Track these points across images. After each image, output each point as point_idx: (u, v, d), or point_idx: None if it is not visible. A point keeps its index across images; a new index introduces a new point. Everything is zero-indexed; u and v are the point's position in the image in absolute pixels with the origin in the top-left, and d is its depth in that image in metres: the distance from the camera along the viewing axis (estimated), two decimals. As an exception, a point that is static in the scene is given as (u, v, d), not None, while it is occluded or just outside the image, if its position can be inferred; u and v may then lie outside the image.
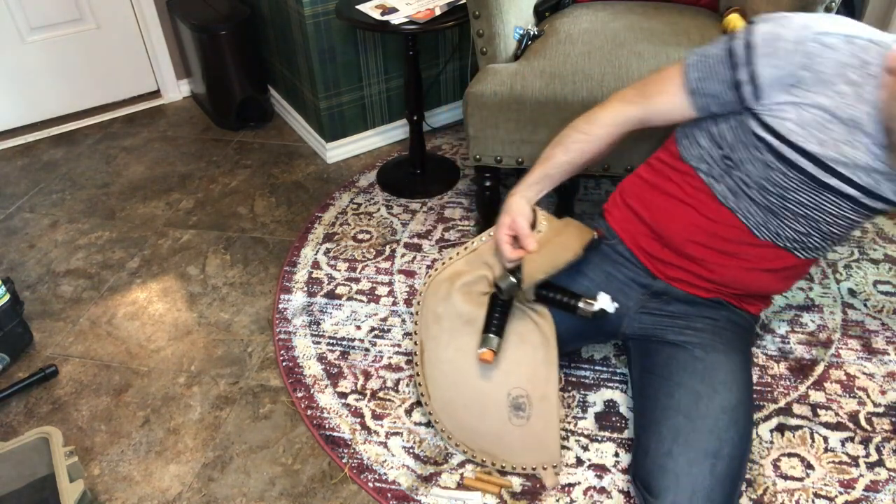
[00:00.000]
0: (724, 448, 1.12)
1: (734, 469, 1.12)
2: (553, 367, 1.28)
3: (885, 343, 1.59)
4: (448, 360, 1.33)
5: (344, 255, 1.91)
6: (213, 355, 1.63)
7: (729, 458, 1.12)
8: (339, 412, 1.47)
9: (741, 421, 1.16)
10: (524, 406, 1.28)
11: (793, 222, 1.16)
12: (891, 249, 1.86)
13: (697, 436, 1.13)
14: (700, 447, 1.12)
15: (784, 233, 1.18)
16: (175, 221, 2.08)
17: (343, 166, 2.31)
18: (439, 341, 1.35)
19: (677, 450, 1.13)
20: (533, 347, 1.29)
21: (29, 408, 1.52)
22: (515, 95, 1.55)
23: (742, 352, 1.27)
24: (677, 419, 1.16)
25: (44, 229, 2.07)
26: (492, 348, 1.24)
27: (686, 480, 1.09)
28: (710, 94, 1.15)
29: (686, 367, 1.22)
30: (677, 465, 1.11)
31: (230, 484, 1.35)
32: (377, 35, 2.16)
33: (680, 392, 1.19)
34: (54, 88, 2.54)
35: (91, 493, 1.32)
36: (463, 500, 1.28)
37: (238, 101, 2.45)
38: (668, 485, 1.10)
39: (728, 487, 1.11)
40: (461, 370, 1.32)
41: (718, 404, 1.16)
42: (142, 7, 2.52)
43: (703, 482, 1.09)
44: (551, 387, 1.28)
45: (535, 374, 1.28)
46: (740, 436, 1.15)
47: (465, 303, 1.32)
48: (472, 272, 1.36)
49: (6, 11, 2.33)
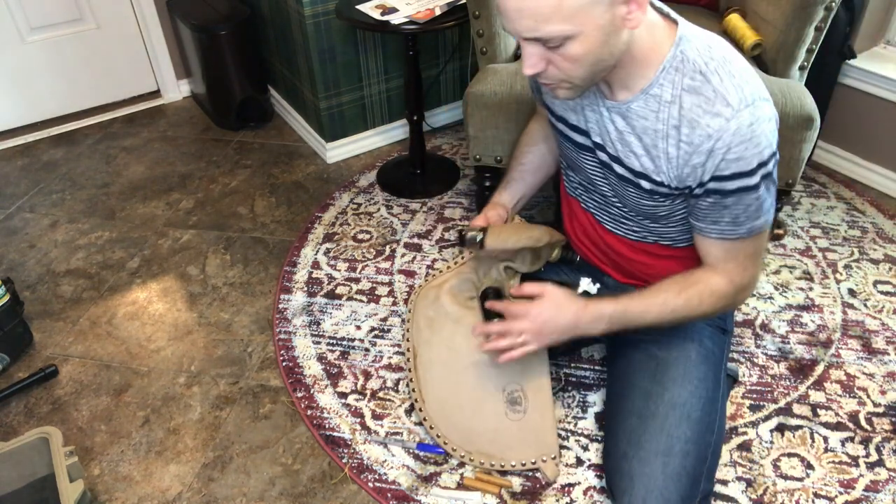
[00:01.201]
0: (676, 445, 1.12)
1: (690, 465, 1.11)
2: (545, 361, 1.32)
3: (885, 343, 1.59)
4: (441, 361, 1.36)
5: (344, 255, 1.91)
6: (213, 355, 1.63)
7: (682, 455, 1.11)
8: (339, 412, 1.47)
9: (695, 414, 1.15)
10: (520, 400, 1.30)
11: (614, 207, 1.21)
12: (891, 249, 1.86)
13: (648, 436, 1.13)
14: (650, 447, 1.12)
15: (621, 222, 1.22)
16: (175, 221, 2.08)
17: (343, 166, 2.31)
18: (432, 344, 1.37)
19: (631, 451, 1.14)
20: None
21: (29, 408, 1.52)
22: (515, 95, 1.55)
23: (700, 343, 1.24)
24: (630, 420, 1.18)
25: (44, 229, 2.07)
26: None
27: (639, 482, 1.10)
28: (537, 90, 1.25)
29: (640, 368, 1.23)
30: (631, 466, 1.12)
31: (230, 484, 1.35)
32: (377, 35, 2.16)
33: (634, 393, 1.21)
34: (54, 88, 2.54)
35: (91, 493, 1.32)
36: (463, 500, 1.28)
37: (238, 101, 2.45)
38: (624, 487, 1.12)
39: (684, 484, 1.10)
40: (455, 370, 1.34)
41: (668, 401, 1.16)
42: (142, 7, 2.52)
43: (655, 482, 1.09)
44: (545, 378, 1.31)
45: (527, 367, 1.31)
46: (695, 430, 1.13)
47: (452, 304, 1.37)
48: (459, 277, 1.40)
49: (6, 11, 2.33)
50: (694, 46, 0.97)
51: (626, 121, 1.05)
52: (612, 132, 1.08)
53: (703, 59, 0.97)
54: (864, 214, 1.99)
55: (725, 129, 0.95)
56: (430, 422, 1.35)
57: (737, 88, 0.95)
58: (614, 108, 1.05)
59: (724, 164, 0.97)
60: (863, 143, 2.11)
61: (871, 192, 2.10)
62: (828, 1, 1.50)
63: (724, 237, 1.06)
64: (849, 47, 1.97)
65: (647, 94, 1.00)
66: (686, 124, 0.98)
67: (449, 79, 2.44)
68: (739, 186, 0.99)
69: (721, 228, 1.05)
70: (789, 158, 1.52)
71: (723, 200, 1.01)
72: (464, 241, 1.27)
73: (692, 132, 0.98)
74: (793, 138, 1.49)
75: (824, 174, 2.17)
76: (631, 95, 1.02)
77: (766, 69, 1.62)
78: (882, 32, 2.09)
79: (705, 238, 1.09)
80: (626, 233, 1.23)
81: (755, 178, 0.98)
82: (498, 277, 1.36)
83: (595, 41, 0.91)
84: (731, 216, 1.03)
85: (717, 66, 0.96)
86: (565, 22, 0.87)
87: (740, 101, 0.94)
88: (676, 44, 0.97)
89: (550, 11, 0.86)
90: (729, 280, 1.11)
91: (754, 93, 0.96)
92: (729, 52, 0.99)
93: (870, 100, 2.04)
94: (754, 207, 1.02)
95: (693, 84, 0.97)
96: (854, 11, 1.93)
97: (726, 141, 0.96)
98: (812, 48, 1.61)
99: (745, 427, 1.41)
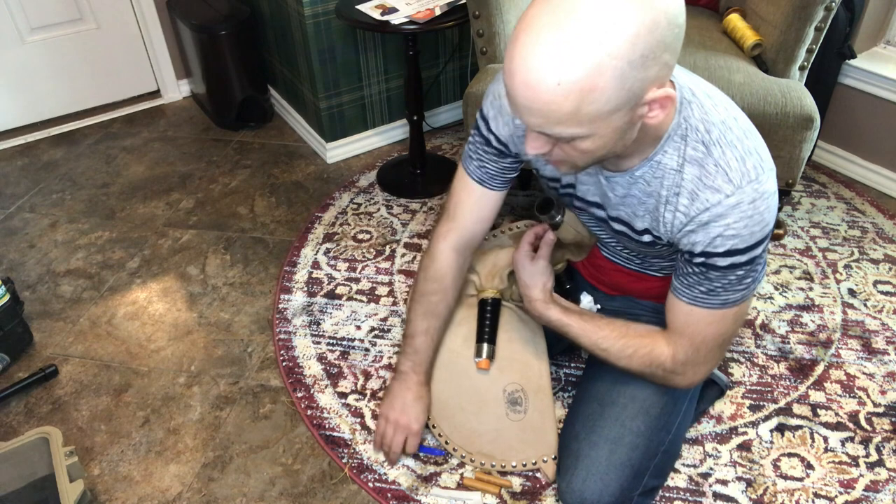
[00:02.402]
0: (627, 436, 1.14)
1: (636, 458, 1.13)
2: (544, 360, 1.33)
3: (885, 343, 1.59)
4: (442, 363, 1.36)
5: (344, 255, 1.91)
6: (213, 355, 1.63)
7: (630, 447, 1.13)
8: (339, 412, 1.47)
9: (654, 411, 1.16)
10: (520, 400, 1.31)
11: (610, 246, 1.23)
12: (891, 249, 1.86)
13: (603, 422, 1.16)
14: (601, 432, 1.15)
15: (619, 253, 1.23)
16: (175, 221, 2.08)
17: (343, 166, 2.31)
18: None
19: (583, 434, 1.17)
20: (523, 343, 1.33)
21: (29, 408, 1.52)
22: (515, 95, 1.54)
23: None
24: (591, 405, 1.20)
25: (44, 229, 2.07)
26: (487, 357, 1.30)
27: (583, 463, 1.13)
28: (493, 175, 1.18)
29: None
30: (580, 447, 1.16)
31: (230, 484, 1.35)
32: (377, 35, 2.16)
33: (601, 381, 1.23)
34: (54, 88, 2.54)
35: (91, 493, 1.32)
36: (463, 500, 1.28)
37: (238, 101, 2.45)
38: (569, 465, 1.16)
39: (626, 475, 1.12)
40: (456, 371, 1.35)
41: (630, 393, 1.18)
42: (142, 7, 2.52)
43: (598, 466, 1.12)
44: (545, 380, 1.32)
45: (527, 368, 1.32)
46: (649, 426, 1.15)
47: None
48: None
49: (6, 11, 2.33)
50: (695, 112, 0.92)
51: (628, 188, 1.01)
52: (613, 197, 1.05)
53: (705, 126, 0.91)
54: (864, 214, 1.99)
55: (725, 205, 0.91)
56: (433, 420, 1.35)
57: (739, 162, 0.90)
58: (615, 179, 1.01)
59: (720, 240, 0.93)
60: (863, 143, 2.11)
61: (871, 192, 2.10)
62: (828, 1, 1.50)
63: (692, 302, 1.00)
64: (849, 47, 1.97)
65: (652, 162, 0.96)
66: (686, 195, 0.94)
67: (449, 79, 2.44)
68: (731, 263, 0.94)
69: (694, 294, 1.00)
70: (789, 158, 1.52)
71: (707, 273, 0.96)
72: (547, 209, 1.20)
73: (691, 204, 0.94)
74: (793, 138, 1.49)
75: (824, 174, 2.17)
76: (636, 164, 0.97)
77: (766, 69, 1.62)
78: (882, 32, 2.09)
79: (675, 297, 1.03)
80: (625, 264, 1.24)
81: (752, 254, 0.94)
82: (500, 285, 1.37)
83: (608, 139, 0.84)
84: (709, 287, 0.98)
85: (719, 137, 0.91)
86: (579, 126, 0.80)
87: (742, 176, 0.90)
88: (679, 111, 0.92)
89: (564, 116, 0.78)
90: (673, 355, 1.06)
91: (757, 165, 0.91)
92: (730, 116, 0.93)
93: (870, 100, 2.04)
94: (736, 281, 0.97)
95: (695, 155, 0.92)
96: (854, 11, 1.93)
97: (725, 218, 0.91)
98: (812, 48, 1.61)
99: (745, 427, 1.41)
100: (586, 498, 1.12)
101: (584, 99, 0.76)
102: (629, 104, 0.79)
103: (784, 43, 1.58)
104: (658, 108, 0.82)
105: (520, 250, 1.22)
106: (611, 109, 0.78)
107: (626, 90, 0.76)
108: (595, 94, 0.75)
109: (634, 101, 0.79)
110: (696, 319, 1.02)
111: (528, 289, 1.20)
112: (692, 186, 0.93)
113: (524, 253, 1.22)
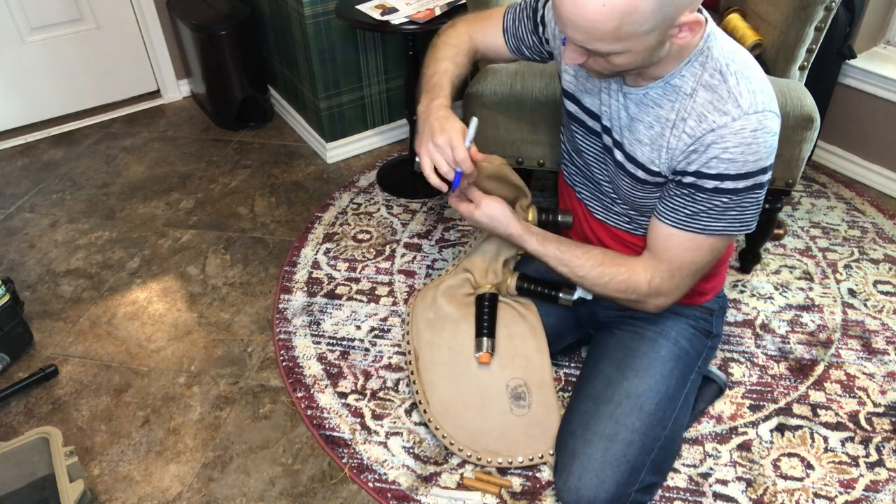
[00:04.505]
0: (621, 433, 1.15)
1: (632, 454, 1.14)
2: (545, 354, 1.34)
3: (885, 343, 1.59)
4: (444, 361, 1.36)
5: (344, 255, 1.91)
6: (213, 355, 1.63)
7: (625, 443, 1.14)
8: (339, 412, 1.47)
9: (649, 407, 1.18)
10: (524, 395, 1.31)
11: (606, 197, 1.22)
12: (891, 249, 1.86)
13: (598, 419, 1.18)
14: (597, 430, 1.17)
15: (611, 210, 1.23)
16: (175, 221, 2.08)
17: (343, 166, 2.31)
18: (433, 345, 1.37)
19: (579, 431, 1.19)
20: (523, 339, 1.34)
21: (29, 408, 1.52)
22: (515, 95, 1.55)
23: (675, 342, 1.26)
24: (587, 403, 1.22)
25: (44, 229, 2.07)
26: (487, 350, 1.30)
27: (579, 460, 1.15)
28: (518, 37, 1.24)
29: (609, 356, 1.27)
30: (576, 445, 1.18)
31: (230, 484, 1.35)
32: (377, 35, 2.16)
33: (597, 378, 1.25)
34: (54, 88, 2.54)
35: (91, 493, 1.32)
36: (463, 500, 1.28)
37: (238, 101, 2.45)
38: (565, 462, 1.18)
39: (622, 470, 1.13)
40: (458, 369, 1.34)
41: (625, 390, 1.20)
42: (142, 7, 2.52)
43: (593, 463, 1.14)
44: (547, 374, 1.32)
45: (529, 363, 1.33)
46: (644, 422, 1.17)
47: (449, 304, 1.37)
48: (455, 276, 1.41)
49: (6, 11, 2.33)
50: (720, 45, 0.99)
51: (640, 107, 1.06)
52: (623, 118, 1.09)
53: (726, 59, 0.98)
54: (864, 214, 1.99)
55: (729, 127, 0.96)
56: (436, 423, 1.35)
57: (750, 94, 0.97)
58: (631, 95, 1.06)
59: (715, 162, 0.99)
60: (863, 143, 2.11)
61: (871, 192, 2.10)
62: (828, 1, 1.50)
63: (674, 224, 1.07)
64: (849, 47, 1.97)
65: (666, 83, 1.02)
66: (694, 117, 1.00)
67: (449, 79, 2.44)
68: (717, 187, 1.00)
69: (677, 217, 1.06)
70: (789, 158, 1.52)
71: (694, 194, 1.03)
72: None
73: (697, 125, 0.99)
74: (793, 138, 1.49)
75: (824, 174, 2.17)
76: (652, 83, 1.03)
77: (766, 69, 1.62)
78: (882, 32, 2.09)
79: (658, 221, 1.10)
80: (616, 223, 1.25)
81: (738, 184, 0.99)
82: (495, 280, 1.36)
83: (640, 56, 0.93)
84: (693, 209, 1.04)
85: (737, 70, 0.98)
86: (616, 42, 0.89)
87: (750, 106, 0.96)
88: (704, 39, 0.98)
89: (605, 34, 0.88)
90: (649, 279, 1.12)
91: (766, 103, 0.98)
92: (751, 60, 1.01)
93: (870, 100, 2.04)
94: (720, 207, 1.02)
95: (711, 81, 0.98)
96: (854, 11, 1.93)
97: (726, 140, 0.97)
98: (812, 48, 1.61)
99: (745, 427, 1.41)
100: (583, 495, 1.13)
101: (626, 19, 0.85)
102: (664, 25, 0.88)
103: (784, 43, 1.58)
104: (687, 31, 0.91)
105: (459, 208, 1.20)
106: (647, 30, 0.87)
107: (662, 13, 0.86)
108: (635, 16, 0.85)
109: (669, 23, 0.88)
110: (676, 244, 1.08)
111: (497, 230, 1.22)
112: (702, 109, 0.99)
113: (465, 209, 1.20)
